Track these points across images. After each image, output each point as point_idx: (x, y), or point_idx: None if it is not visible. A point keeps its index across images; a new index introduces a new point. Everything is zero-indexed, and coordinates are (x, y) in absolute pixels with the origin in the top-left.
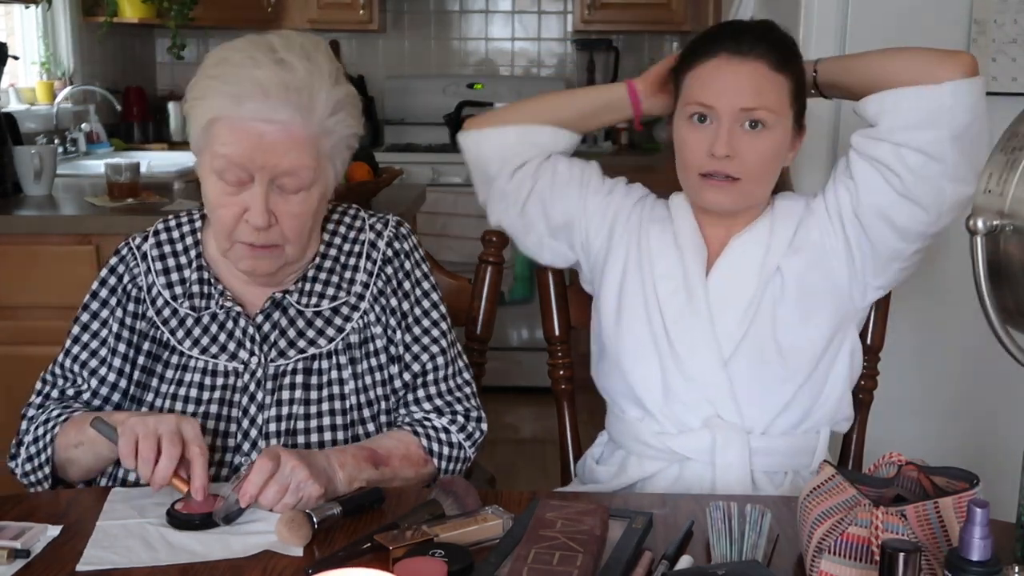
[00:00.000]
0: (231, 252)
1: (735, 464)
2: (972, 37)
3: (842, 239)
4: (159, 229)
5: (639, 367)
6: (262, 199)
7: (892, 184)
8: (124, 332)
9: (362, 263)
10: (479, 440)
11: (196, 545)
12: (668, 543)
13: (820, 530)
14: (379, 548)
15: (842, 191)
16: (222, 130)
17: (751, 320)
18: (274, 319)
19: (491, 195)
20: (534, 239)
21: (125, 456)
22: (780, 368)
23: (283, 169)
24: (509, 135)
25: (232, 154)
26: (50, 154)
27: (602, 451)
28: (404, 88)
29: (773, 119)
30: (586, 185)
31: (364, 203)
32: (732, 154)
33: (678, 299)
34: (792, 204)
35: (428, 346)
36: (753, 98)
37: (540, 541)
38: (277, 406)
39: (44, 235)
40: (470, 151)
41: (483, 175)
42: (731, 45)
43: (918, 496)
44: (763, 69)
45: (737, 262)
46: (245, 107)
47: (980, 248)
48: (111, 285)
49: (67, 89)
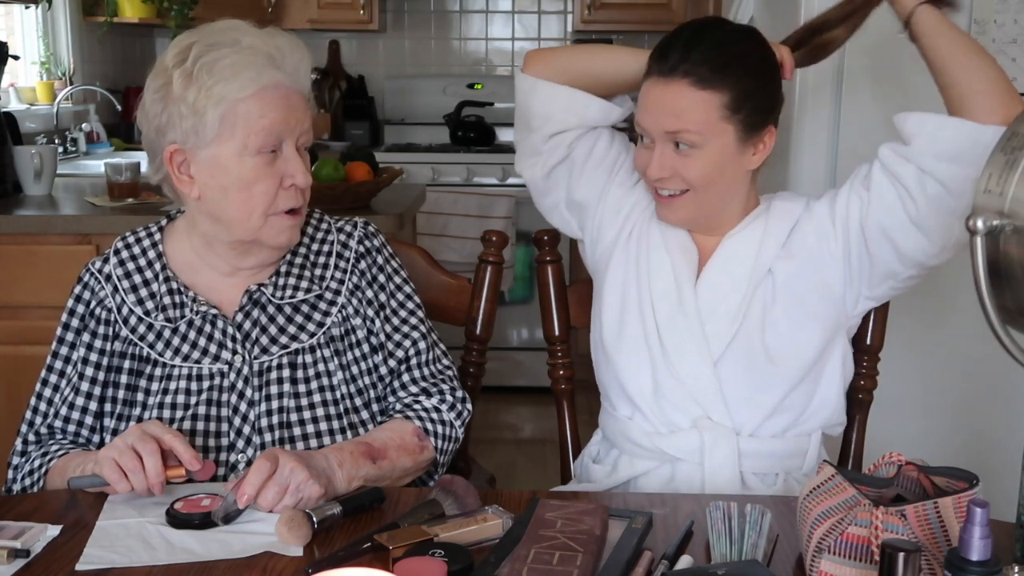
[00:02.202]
0: (266, 229)
1: (724, 465)
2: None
3: (842, 246)
4: (119, 248)
5: (631, 364)
6: (299, 160)
7: (906, 208)
8: (92, 356)
9: (332, 261)
10: (466, 419)
11: (195, 545)
12: (668, 543)
13: (820, 530)
14: (379, 548)
15: (854, 200)
16: (257, 103)
17: (741, 322)
18: (254, 316)
19: (525, 146)
20: (550, 202)
21: (116, 481)
22: (770, 371)
23: (306, 127)
24: (559, 97)
25: (273, 123)
26: (50, 154)
27: (598, 450)
28: (404, 88)
29: (700, 139)
30: (614, 174)
31: (364, 203)
32: (667, 175)
33: (669, 298)
34: (789, 205)
35: (409, 333)
36: (674, 121)
37: (540, 541)
38: (267, 401)
39: (44, 235)
40: (521, 92)
41: (524, 122)
42: (658, 66)
43: (918, 496)
44: (685, 89)
45: (728, 262)
46: (272, 75)
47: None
48: (80, 313)
49: (67, 89)
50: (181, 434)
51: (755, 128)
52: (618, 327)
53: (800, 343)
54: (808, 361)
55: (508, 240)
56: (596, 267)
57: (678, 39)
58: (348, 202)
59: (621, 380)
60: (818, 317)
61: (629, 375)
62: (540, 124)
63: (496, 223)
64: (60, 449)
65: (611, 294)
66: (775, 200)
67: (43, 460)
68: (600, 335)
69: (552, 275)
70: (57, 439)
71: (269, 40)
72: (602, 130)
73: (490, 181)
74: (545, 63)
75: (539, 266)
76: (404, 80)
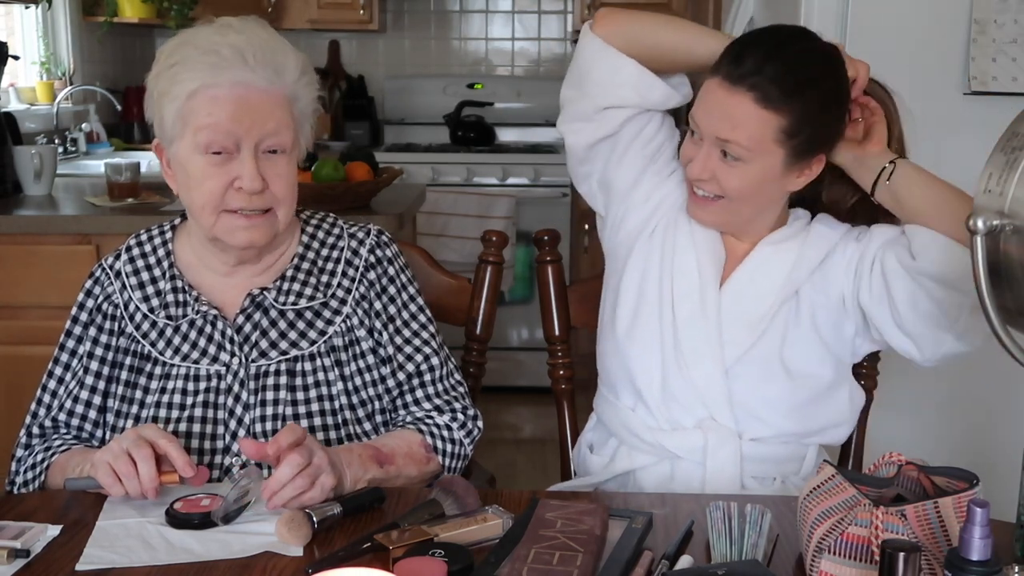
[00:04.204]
0: (219, 226)
1: (726, 466)
2: (972, 37)
3: (853, 298)
4: (131, 245)
5: (643, 359)
6: (252, 163)
7: (895, 318)
8: (97, 350)
9: (341, 268)
10: (476, 438)
11: (195, 545)
12: (668, 543)
13: (820, 530)
14: (379, 548)
15: (863, 282)
16: (204, 101)
17: (760, 335)
18: (255, 320)
19: (574, 109)
20: (585, 172)
21: (111, 486)
22: (783, 387)
23: (268, 129)
24: (624, 72)
25: (219, 122)
26: (50, 154)
27: (594, 437)
28: (404, 88)
29: (748, 155)
30: (653, 162)
31: (364, 203)
32: (707, 178)
33: (691, 299)
34: (828, 232)
35: (420, 347)
36: (728, 130)
37: (540, 541)
38: (262, 406)
39: (44, 235)
40: (586, 51)
41: (578, 83)
42: (728, 68)
43: (918, 496)
44: (747, 103)
45: (757, 272)
46: (226, 74)
47: (980, 248)
48: (88, 308)
49: (67, 89)
50: (176, 439)
51: (805, 155)
52: (632, 317)
53: (814, 366)
54: (822, 386)
55: (508, 240)
56: (614, 251)
57: (758, 46)
58: (348, 202)
59: (631, 371)
60: (830, 351)
61: (639, 369)
62: (597, 93)
63: (496, 223)
64: (63, 444)
65: (629, 283)
66: (816, 223)
67: (45, 455)
68: (611, 322)
69: (552, 275)
70: (60, 433)
71: (236, 39)
72: (655, 112)
73: (490, 181)
74: (618, 26)
75: (539, 266)
76: (404, 80)
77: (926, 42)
